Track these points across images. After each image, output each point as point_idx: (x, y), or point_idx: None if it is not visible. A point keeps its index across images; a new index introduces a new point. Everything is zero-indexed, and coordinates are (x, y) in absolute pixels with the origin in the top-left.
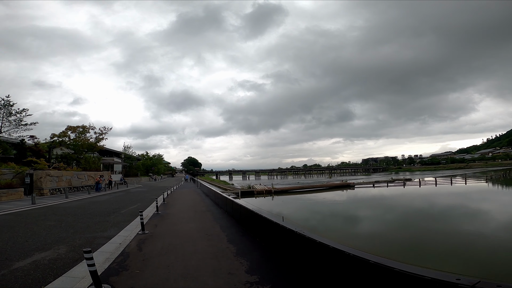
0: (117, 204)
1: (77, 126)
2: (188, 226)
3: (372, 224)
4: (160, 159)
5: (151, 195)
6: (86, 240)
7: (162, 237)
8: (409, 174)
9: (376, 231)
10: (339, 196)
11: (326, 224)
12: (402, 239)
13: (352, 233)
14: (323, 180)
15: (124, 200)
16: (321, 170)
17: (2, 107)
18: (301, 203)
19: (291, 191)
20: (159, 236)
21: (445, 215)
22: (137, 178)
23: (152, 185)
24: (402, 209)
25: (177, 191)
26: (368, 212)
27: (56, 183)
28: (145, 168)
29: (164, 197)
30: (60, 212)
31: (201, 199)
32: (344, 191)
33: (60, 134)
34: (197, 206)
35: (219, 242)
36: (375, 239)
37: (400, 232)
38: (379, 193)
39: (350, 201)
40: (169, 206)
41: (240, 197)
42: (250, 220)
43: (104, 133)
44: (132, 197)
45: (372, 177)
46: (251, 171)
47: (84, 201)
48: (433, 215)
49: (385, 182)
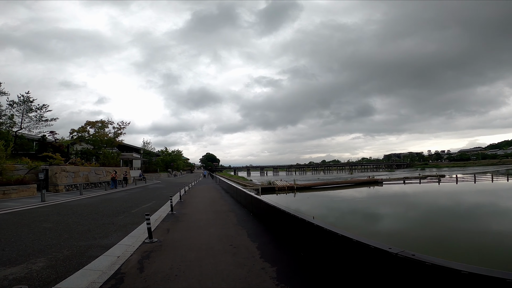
0: (130, 202)
1: (96, 121)
2: (207, 232)
3: (427, 227)
4: (179, 155)
5: (169, 191)
6: (76, 251)
7: (174, 248)
8: (436, 170)
9: (434, 235)
10: (369, 193)
11: (379, 231)
12: (471, 249)
13: (413, 240)
14: (344, 176)
15: (140, 197)
16: (341, 166)
17: (22, 103)
18: (329, 201)
19: (314, 187)
20: (169, 246)
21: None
22: (156, 174)
23: (170, 181)
24: (454, 209)
25: (196, 187)
26: (414, 213)
27: (73, 179)
28: (164, 164)
29: (181, 194)
30: (65, 212)
31: (220, 196)
32: (371, 187)
33: (79, 129)
34: (217, 204)
35: (249, 259)
36: (441, 246)
37: (464, 239)
38: (412, 191)
39: (387, 200)
40: (186, 205)
41: (260, 193)
42: (287, 226)
43: (122, 128)
44: (149, 194)
45: (396, 174)
46: (269, 167)
47: (97, 199)
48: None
49: (416, 178)
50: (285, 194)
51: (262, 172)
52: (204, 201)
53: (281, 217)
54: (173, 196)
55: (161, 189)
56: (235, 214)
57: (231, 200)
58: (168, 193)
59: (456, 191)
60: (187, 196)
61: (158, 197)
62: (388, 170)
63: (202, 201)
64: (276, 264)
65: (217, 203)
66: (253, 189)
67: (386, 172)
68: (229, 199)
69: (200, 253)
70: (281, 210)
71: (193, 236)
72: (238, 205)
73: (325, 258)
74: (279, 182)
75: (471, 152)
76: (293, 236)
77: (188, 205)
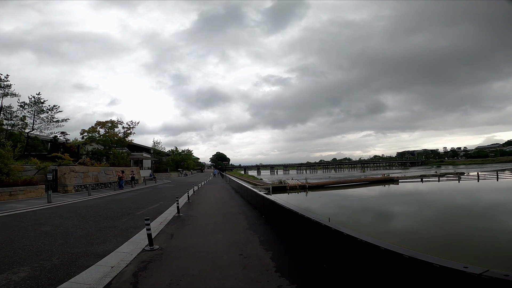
0: (137, 203)
1: (106, 121)
2: (215, 238)
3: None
4: (190, 154)
5: (178, 191)
6: (67, 259)
7: (176, 258)
8: (452, 168)
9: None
10: (388, 192)
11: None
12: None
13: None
14: (357, 174)
15: (147, 197)
16: (353, 164)
17: (33, 104)
18: (345, 201)
19: (327, 186)
20: (171, 255)
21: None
22: (167, 174)
23: (180, 181)
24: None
25: (205, 187)
26: (435, 214)
27: (82, 180)
28: (175, 163)
29: (190, 195)
30: (67, 214)
31: (230, 196)
32: (386, 186)
33: (89, 130)
34: (226, 206)
35: (262, 273)
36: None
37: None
38: (432, 189)
39: (407, 199)
40: (193, 206)
41: (271, 192)
42: (306, 232)
43: (132, 128)
44: (157, 194)
45: (410, 171)
46: (279, 165)
47: (105, 199)
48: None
49: (435, 176)
50: (296, 193)
51: (272, 171)
52: (213, 202)
53: (298, 221)
54: (180, 198)
55: (170, 189)
56: (245, 217)
57: (242, 201)
58: (177, 193)
59: (480, 189)
60: (196, 197)
61: (166, 197)
62: (401, 168)
63: (211, 202)
64: (296, 280)
65: (227, 204)
66: (263, 188)
67: (400, 170)
68: (239, 200)
69: (205, 264)
70: (299, 214)
71: (199, 243)
72: (249, 207)
73: (353, 271)
74: (291, 181)
75: (489, 149)
76: (313, 244)
77: (196, 206)
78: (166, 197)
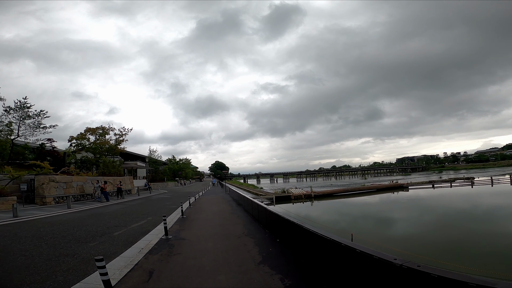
0: (120, 219)
1: (97, 128)
2: (214, 282)
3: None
4: (188, 163)
5: (172, 203)
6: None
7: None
8: (454, 173)
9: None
10: (403, 200)
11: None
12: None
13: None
14: (359, 181)
15: (136, 211)
16: (353, 171)
17: (19, 109)
18: (355, 210)
19: (333, 194)
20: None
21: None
22: (164, 183)
23: (177, 191)
24: None
25: (203, 198)
26: (481, 225)
27: (64, 190)
28: (172, 172)
29: (185, 208)
30: (25, 232)
31: (231, 210)
32: (394, 193)
33: (78, 136)
34: (227, 223)
35: None
36: None
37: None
38: (447, 195)
39: (422, 207)
40: (188, 224)
41: (274, 203)
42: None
43: (124, 134)
44: (148, 207)
45: (412, 177)
46: (279, 174)
47: (83, 214)
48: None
49: (446, 181)
50: (302, 203)
51: (272, 179)
52: (212, 217)
53: (344, 256)
54: (173, 213)
55: (164, 201)
56: (254, 242)
57: (246, 216)
58: (171, 205)
59: (498, 193)
60: (192, 211)
61: (158, 211)
62: (402, 174)
63: (209, 217)
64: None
65: (228, 221)
66: (266, 198)
67: (401, 176)
68: (243, 215)
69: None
70: (349, 247)
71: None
72: (256, 225)
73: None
74: (295, 190)
75: (489, 153)
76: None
77: (190, 224)
78: (157, 211)
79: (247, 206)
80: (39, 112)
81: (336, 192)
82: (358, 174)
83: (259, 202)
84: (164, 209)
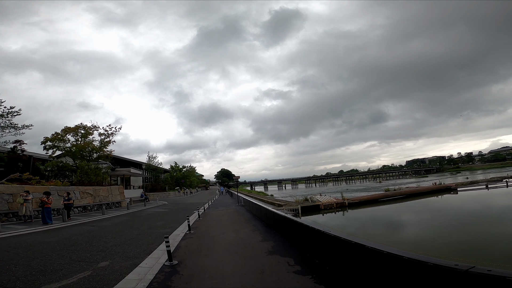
0: (57, 260)
1: (77, 126)
2: None
3: None
4: (193, 171)
5: (165, 224)
6: None
7: None
8: (470, 173)
9: None
10: (464, 204)
11: None
12: None
13: None
14: (374, 185)
15: (100, 240)
16: (364, 175)
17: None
18: (435, 223)
19: (371, 201)
20: None
21: None
22: (165, 193)
23: (178, 202)
24: None
25: (210, 214)
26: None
27: (8, 205)
28: (175, 181)
29: (179, 241)
30: None
31: (260, 237)
32: (439, 196)
33: (52, 137)
34: (269, 278)
35: None
36: None
37: None
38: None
39: None
40: (184, 273)
41: (300, 214)
42: None
43: (111, 134)
44: (124, 232)
45: (429, 179)
46: (286, 180)
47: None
48: None
49: (500, 180)
50: (333, 213)
51: (280, 186)
52: (230, 259)
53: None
54: (148, 256)
55: (157, 218)
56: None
57: (289, 251)
58: (161, 228)
59: None
60: (193, 243)
61: (137, 239)
62: (415, 177)
63: (225, 259)
64: None
65: (268, 271)
66: (288, 209)
67: (414, 179)
68: (282, 247)
69: None
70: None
71: None
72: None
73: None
74: (322, 198)
75: (505, 152)
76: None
77: (190, 275)
78: (136, 240)
79: (286, 229)
80: (10, 109)
81: (374, 198)
82: (369, 178)
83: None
84: (146, 238)
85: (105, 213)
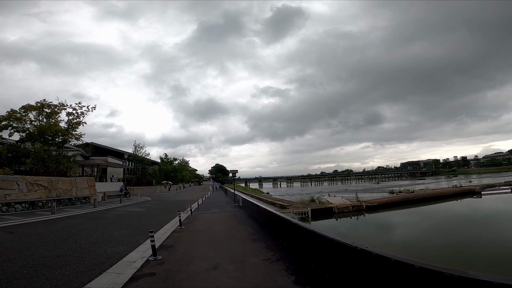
0: None
1: (41, 104)
2: None
3: None
4: (186, 165)
5: (129, 232)
6: None
7: None
8: (465, 177)
9: None
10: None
11: None
12: None
13: None
14: (372, 185)
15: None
16: (360, 175)
17: None
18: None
19: (390, 204)
20: None
21: None
22: (152, 188)
23: (165, 199)
24: None
25: (199, 217)
26: None
27: None
28: (164, 174)
29: (130, 273)
30: None
31: (281, 272)
32: (459, 201)
33: (7, 116)
34: None
35: None
36: None
37: None
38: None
39: None
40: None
41: (310, 219)
42: None
43: (81, 114)
44: (47, 245)
45: (428, 182)
46: (282, 177)
47: None
48: None
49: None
50: (349, 217)
51: (275, 183)
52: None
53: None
54: None
55: (121, 223)
56: None
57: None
58: (116, 242)
59: None
60: (171, 262)
61: (49, 267)
62: (410, 179)
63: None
64: None
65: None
66: (294, 212)
67: (409, 181)
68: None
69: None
70: None
71: None
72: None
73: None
74: (334, 199)
75: (499, 157)
76: None
77: None
78: (40, 269)
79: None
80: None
81: (394, 200)
82: (364, 179)
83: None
84: (67, 267)
85: (57, 211)
